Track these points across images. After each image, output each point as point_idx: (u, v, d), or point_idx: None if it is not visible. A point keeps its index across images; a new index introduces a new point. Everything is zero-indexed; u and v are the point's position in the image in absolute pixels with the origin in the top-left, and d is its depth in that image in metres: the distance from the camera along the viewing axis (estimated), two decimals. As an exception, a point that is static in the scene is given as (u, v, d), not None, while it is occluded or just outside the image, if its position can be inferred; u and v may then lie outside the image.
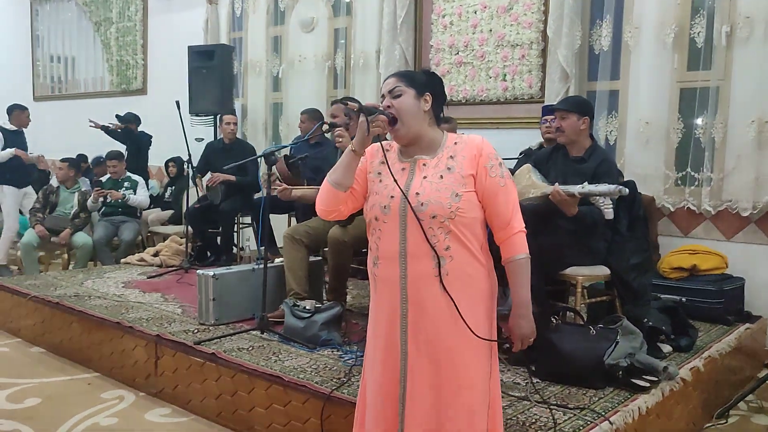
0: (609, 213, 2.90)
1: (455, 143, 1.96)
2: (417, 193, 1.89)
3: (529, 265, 1.96)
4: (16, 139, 6.49)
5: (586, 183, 3.02)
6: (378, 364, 2.00)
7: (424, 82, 1.99)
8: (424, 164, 1.94)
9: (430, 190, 1.88)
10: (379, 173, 2.00)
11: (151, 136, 7.09)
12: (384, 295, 1.97)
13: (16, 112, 6.68)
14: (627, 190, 2.95)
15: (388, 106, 1.94)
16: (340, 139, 3.65)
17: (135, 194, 6.06)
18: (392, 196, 1.92)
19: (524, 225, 1.97)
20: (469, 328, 1.86)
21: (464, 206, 1.87)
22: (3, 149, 6.38)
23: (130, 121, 7.02)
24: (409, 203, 1.88)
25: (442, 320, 1.89)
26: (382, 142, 2.01)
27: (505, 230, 1.94)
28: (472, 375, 1.91)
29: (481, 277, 1.93)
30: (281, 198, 3.95)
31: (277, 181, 3.90)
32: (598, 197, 2.88)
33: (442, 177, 1.90)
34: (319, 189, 3.85)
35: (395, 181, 1.91)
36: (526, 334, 1.97)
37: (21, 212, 6.81)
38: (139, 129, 7.06)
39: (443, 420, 1.90)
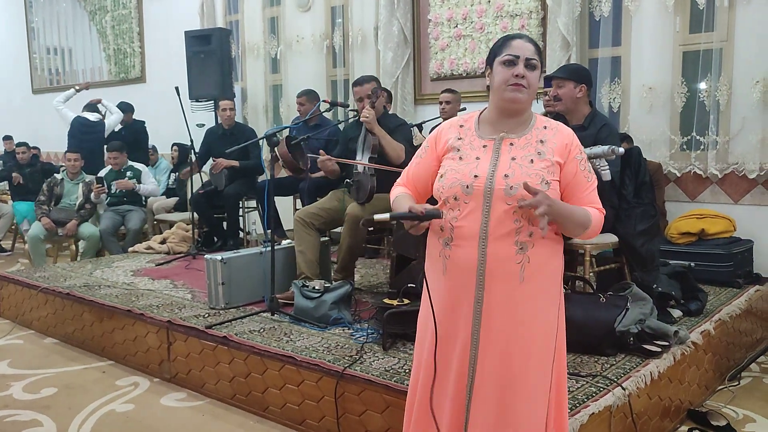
0: (606, 175, 2.89)
1: (545, 127, 1.87)
2: (506, 175, 1.78)
3: (586, 219, 1.82)
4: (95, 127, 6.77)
5: None
6: (442, 348, 1.87)
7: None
8: (511, 144, 1.84)
9: (520, 174, 1.77)
10: (458, 149, 1.88)
11: (143, 122, 7.06)
12: (456, 277, 1.83)
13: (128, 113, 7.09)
14: (621, 149, 2.92)
15: (523, 76, 1.81)
16: (367, 116, 3.66)
17: (141, 183, 6.08)
18: (476, 176, 1.80)
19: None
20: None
21: (551, 195, 1.76)
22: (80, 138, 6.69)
23: (125, 111, 7.00)
24: (501, 181, 1.77)
25: (519, 304, 1.80)
26: (457, 116, 1.91)
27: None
28: (539, 359, 1.83)
29: (557, 255, 1.88)
30: (323, 168, 3.93)
31: (322, 151, 3.91)
32: (594, 160, 2.87)
33: (532, 161, 1.80)
34: (347, 161, 3.89)
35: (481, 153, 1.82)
36: (545, 199, 1.70)
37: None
38: (87, 116, 7.00)
39: (508, 412, 1.81)
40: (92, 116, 6.80)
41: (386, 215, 1.82)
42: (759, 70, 4.10)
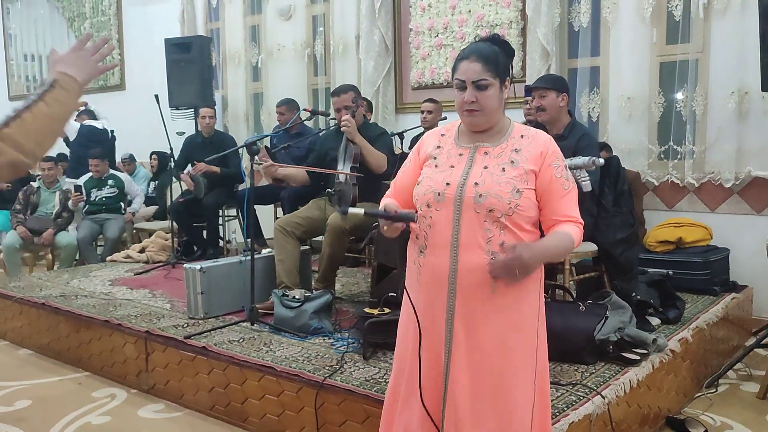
0: (586, 185, 2.92)
1: (522, 136, 1.84)
2: (476, 183, 1.77)
3: (569, 246, 1.81)
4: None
5: None
6: (417, 358, 1.86)
7: (505, 65, 1.84)
8: (486, 152, 1.83)
9: (491, 182, 1.76)
10: (435, 158, 1.89)
11: (112, 131, 6.93)
12: (429, 286, 1.84)
13: None
14: (602, 160, 2.95)
15: (473, 101, 1.79)
16: (348, 126, 3.66)
17: (120, 192, 6.02)
18: (448, 183, 1.80)
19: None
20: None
21: (524, 204, 1.76)
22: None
23: (94, 118, 6.89)
24: (467, 192, 1.76)
25: (491, 315, 1.79)
26: (439, 126, 1.93)
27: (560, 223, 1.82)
28: (518, 372, 1.81)
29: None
30: (266, 175, 3.89)
31: (265, 157, 3.86)
32: (574, 170, 2.89)
33: (504, 170, 1.78)
34: (302, 168, 3.87)
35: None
36: (519, 257, 1.69)
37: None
38: (93, 123, 6.87)
39: (485, 418, 1.80)
40: (98, 124, 6.70)
41: (361, 210, 1.84)
42: (734, 81, 4.16)
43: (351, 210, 1.83)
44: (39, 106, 1.32)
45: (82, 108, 6.82)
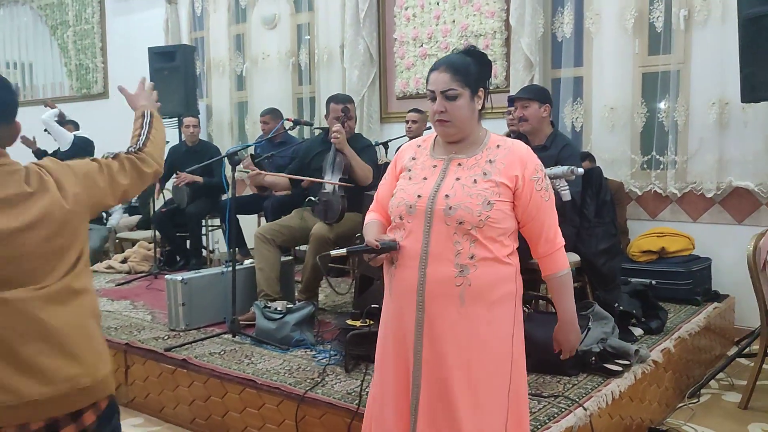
0: (566, 195, 2.92)
1: (498, 146, 1.84)
2: (446, 196, 1.77)
3: (571, 278, 1.94)
4: None
5: None
6: (390, 370, 1.87)
7: (478, 74, 1.84)
8: (459, 164, 1.83)
9: (462, 195, 1.76)
10: (410, 169, 1.90)
11: (92, 141, 6.83)
12: (399, 297, 1.84)
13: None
14: (581, 170, 2.95)
15: (442, 111, 1.81)
16: (338, 136, 3.65)
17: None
18: (419, 196, 1.80)
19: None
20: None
21: (495, 216, 1.75)
22: None
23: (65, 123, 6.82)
24: (436, 205, 1.77)
25: (461, 326, 1.77)
26: (421, 137, 2.00)
27: (546, 246, 1.86)
28: (491, 387, 1.79)
29: (507, 280, 1.82)
30: (252, 183, 3.88)
31: (250, 166, 3.85)
32: (553, 180, 2.89)
33: (475, 181, 1.78)
34: (288, 176, 3.86)
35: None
36: (575, 346, 2.03)
37: None
38: (80, 134, 6.79)
39: (456, 429, 1.77)
40: (86, 134, 6.64)
41: (343, 250, 1.85)
42: (715, 92, 4.19)
43: (333, 252, 1.87)
44: (153, 131, 1.90)
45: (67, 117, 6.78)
